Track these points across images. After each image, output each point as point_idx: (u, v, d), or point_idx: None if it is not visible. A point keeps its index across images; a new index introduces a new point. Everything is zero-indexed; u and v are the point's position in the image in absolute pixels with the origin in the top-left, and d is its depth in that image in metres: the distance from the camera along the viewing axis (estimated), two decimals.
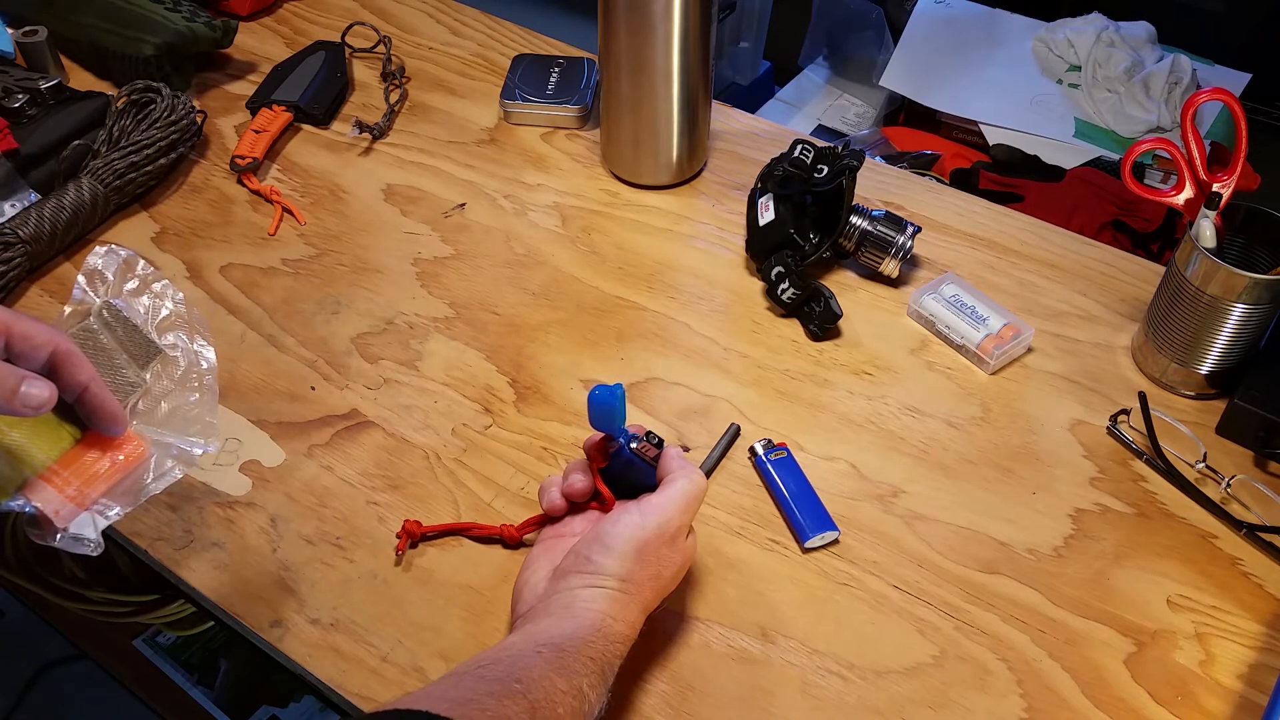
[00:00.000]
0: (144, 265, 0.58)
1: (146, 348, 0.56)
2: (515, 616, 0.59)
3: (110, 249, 0.58)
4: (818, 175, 0.82)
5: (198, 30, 1.01)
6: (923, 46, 1.57)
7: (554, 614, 0.56)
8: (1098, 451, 0.73)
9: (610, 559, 0.57)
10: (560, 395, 0.77)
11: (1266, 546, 0.68)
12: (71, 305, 0.56)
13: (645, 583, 0.58)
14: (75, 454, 0.52)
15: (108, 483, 0.52)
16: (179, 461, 0.55)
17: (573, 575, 0.57)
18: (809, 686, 0.61)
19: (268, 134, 0.96)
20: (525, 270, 0.86)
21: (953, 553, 0.68)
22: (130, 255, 0.58)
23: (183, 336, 0.57)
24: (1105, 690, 0.61)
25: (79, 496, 0.52)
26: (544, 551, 0.62)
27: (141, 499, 0.53)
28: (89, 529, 0.52)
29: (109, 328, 0.55)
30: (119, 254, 0.58)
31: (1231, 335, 0.72)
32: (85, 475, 0.52)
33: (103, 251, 0.57)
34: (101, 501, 0.52)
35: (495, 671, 0.50)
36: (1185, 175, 0.74)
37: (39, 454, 0.51)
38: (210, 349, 0.57)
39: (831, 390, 0.77)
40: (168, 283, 0.58)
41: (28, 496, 0.50)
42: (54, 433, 0.52)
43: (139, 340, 0.56)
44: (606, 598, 0.56)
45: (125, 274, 0.57)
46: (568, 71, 1.03)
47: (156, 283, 0.58)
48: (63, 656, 1.42)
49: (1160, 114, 1.43)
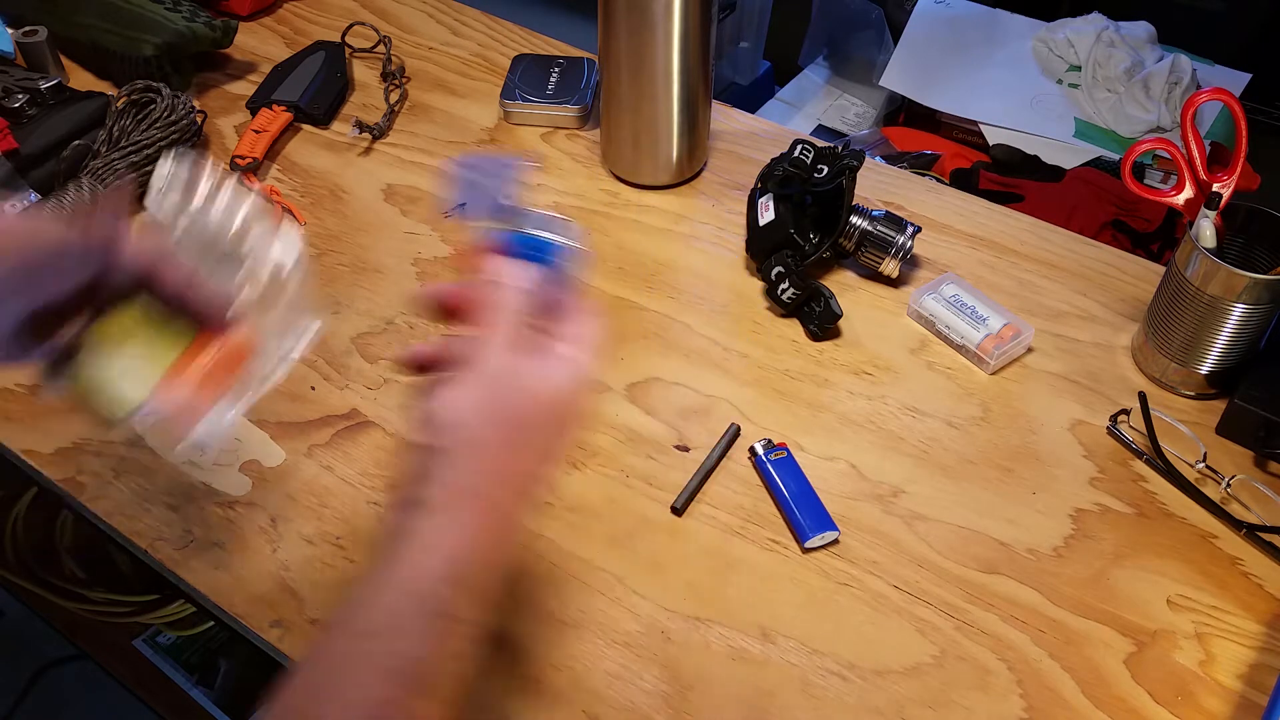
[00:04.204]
0: (215, 166, 0.56)
1: (227, 253, 0.54)
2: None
3: (179, 154, 0.56)
4: (818, 175, 0.82)
5: (198, 30, 1.01)
6: (923, 46, 1.57)
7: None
8: (1098, 451, 0.73)
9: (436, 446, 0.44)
10: None
11: (1266, 546, 0.68)
12: (149, 213, 0.54)
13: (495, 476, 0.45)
14: (188, 358, 0.51)
15: (224, 382, 0.52)
16: (288, 350, 0.54)
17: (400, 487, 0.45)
18: (809, 686, 0.61)
19: (268, 134, 0.96)
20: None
21: (953, 553, 0.68)
22: (200, 158, 0.56)
23: (262, 236, 0.55)
24: (1105, 690, 0.61)
25: (199, 400, 0.51)
26: None
27: (262, 391, 0.53)
28: (214, 430, 0.51)
29: (190, 231, 0.54)
30: (189, 158, 0.56)
31: (1231, 335, 0.72)
32: (202, 378, 0.51)
33: (173, 157, 0.56)
34: (222, 401, 0.52)
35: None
36: (1185, 175, 0.74)
37: (154, 364, 0.51)
38: (294, 235, 0.55)
39: (831, 390, 0.77)
40: (240, 183, 0.57)
41: (150, 407, 0.50)
42: (166, 341, 0.51)
43: (223, 240, 0.54)
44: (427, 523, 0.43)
45: (198, 177, 0.55)
46: (568, 71, 1.03)
47: (228, 184, 0.56)
48: (63, 656, 1.42)
49: (1160, 114, 1.43)
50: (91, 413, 0.52)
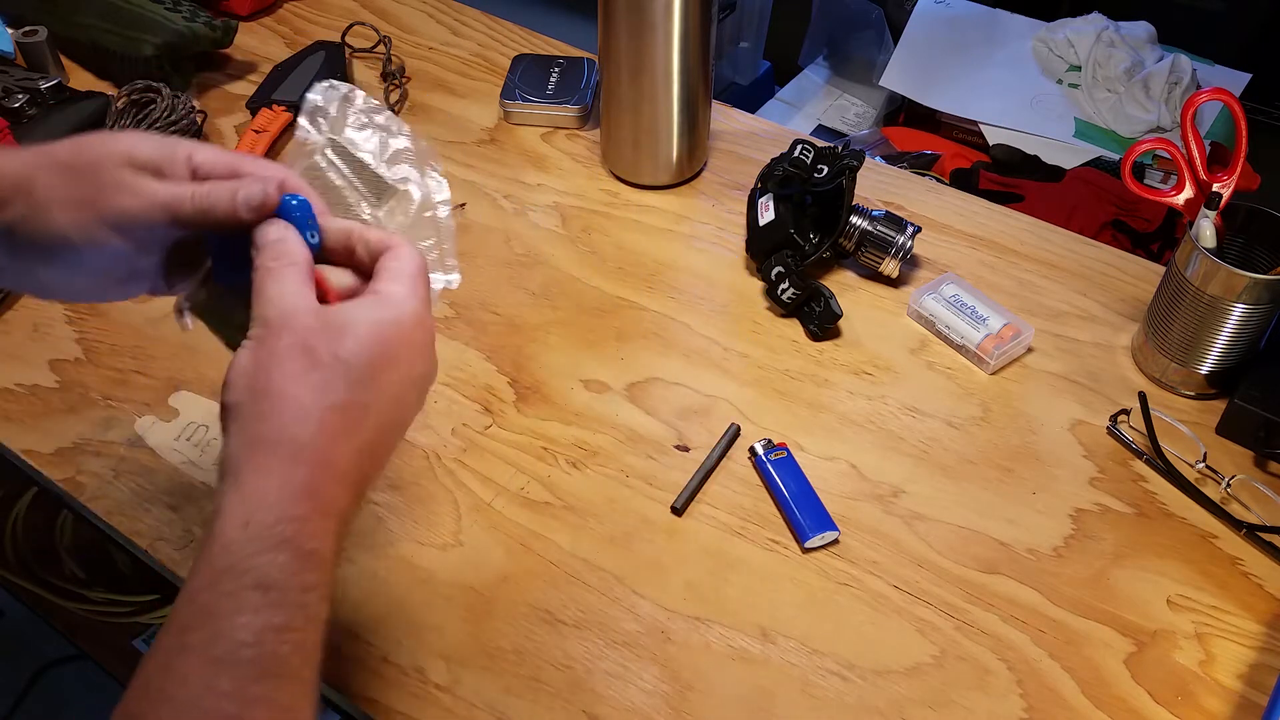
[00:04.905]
0: (365, 99, 0.54)
1: (377, 184, 0.52)
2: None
3: (331, 84, 0.54)
4: (818, 175, 0.82)
5: (198, 30, 1.01)
6: (923, 46, 1.57)
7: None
8: (1098, 451, 0.73)
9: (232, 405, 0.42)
10: (560, 395, 0.77)
11: (1266, 546, 0.68)
12: (296, 144, 0.53)
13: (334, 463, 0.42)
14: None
15: None
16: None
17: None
18: (809, 686, 0.61)
19: (268, 134, 0.96)
20: (525, 270, 0.86)
21: (953, 553, 0.68)
22: (351, 90, 0.54)
23: (413, 171, 0.53)
24: (1105, 690, 0.61)
25: None
26: None
27: None
28: None
29: (336, 166, 0.52)
30: (340, 88, 0.54)
31: (1231, 335, 0.72)
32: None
33: (323, 87, 0.53)
34: None
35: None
36: (1185, 175, 0.74)
37: None
38: (443, 181, 0.54)
39: (831, 390, 0.77)
40: (391, 115, 0.54)
41: None
42: None
43: (369, 177, 0.52)
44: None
45: (347, 109, 0.53)
46: (568, 71, 1.03)
47: (379, 115, 0.54)
48: (63, 656, 1.42)
49: (1160, 114, 1.43)
50: (223, 342, 0.51)
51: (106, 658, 1.26)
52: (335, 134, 0.53)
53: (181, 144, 0.49)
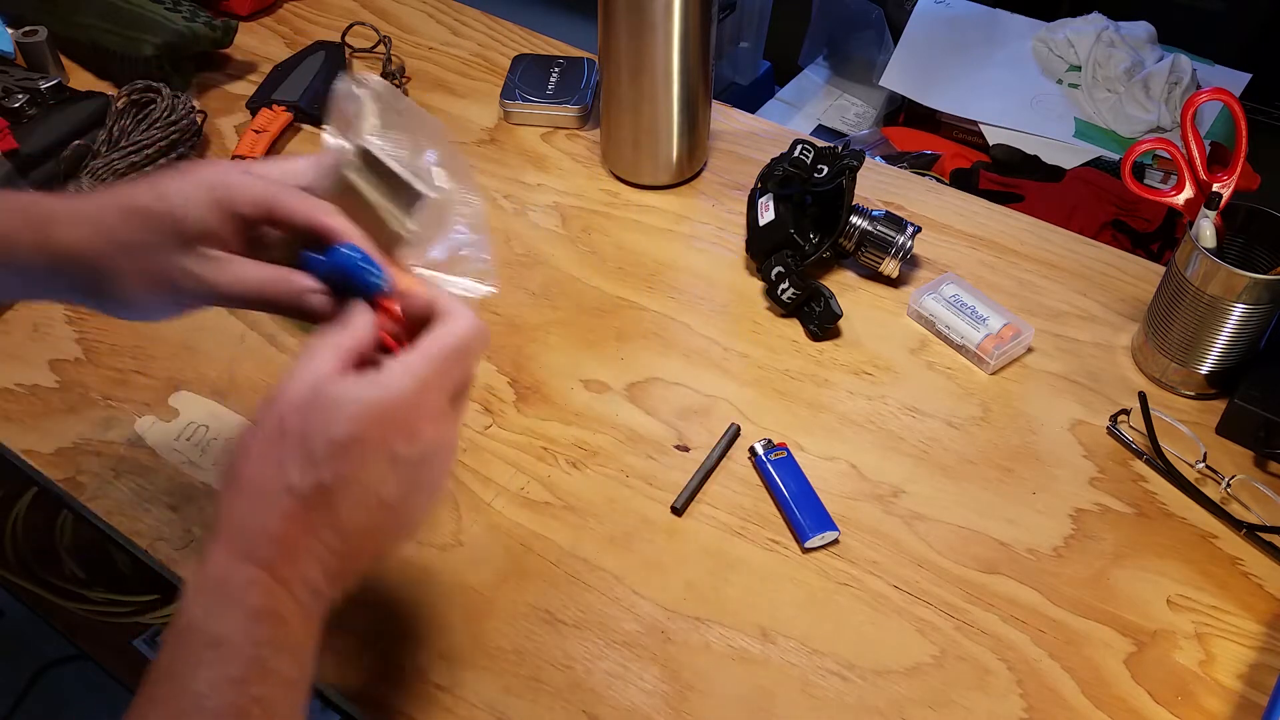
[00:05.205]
0: (395, 96, 0.52)
1: (408, 192, 0.51)
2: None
3: (360, 80, 0.51)
4: (818, 175, 0.82)
5: (198, 30, 1.01)
6: (923, 46, 1.57)
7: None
8: (1098, 451, 0.73)
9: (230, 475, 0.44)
10: (560, 395, 0.77)
11: (1266, 546, 0.68)
12: (326, 148, 0.51)
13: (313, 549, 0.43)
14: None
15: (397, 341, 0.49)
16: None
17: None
18: (809, 686, 0.61)
19: (268, 134, 0.96)
20: (525, 270, 0.86)
21: (953, 553, 0.68)
22: (381, 87, 0.51)
23: (444, 175, 0.52)
24: (1105, 690, 0.61)
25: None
26: None
27: None
28: None
29: (365, 175, 0.51)
30: (369, 85, 0.51)
31: (1231, 335, 0.72)
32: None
33: (351, 86, 0.51)
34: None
35: None
36: (1185, 175, 0.74)
37: None
38: (475, 189, 0.53)
39: (831, 390, 0.77)
40: (424, 113, 0.52)
41: None
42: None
43: (399, 185, 0.51)
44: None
45: (376, 109, 0.51)
46: (568, 71, 1.03)
47: (411, 115, 0.52)
48: (63, 656, 1.42)
49: (1160, 114, 1.43)
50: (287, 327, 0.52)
51: (106, 658, 1.26)
52: (364, 136, 0.51)
53: (219, 192, 0.49)
